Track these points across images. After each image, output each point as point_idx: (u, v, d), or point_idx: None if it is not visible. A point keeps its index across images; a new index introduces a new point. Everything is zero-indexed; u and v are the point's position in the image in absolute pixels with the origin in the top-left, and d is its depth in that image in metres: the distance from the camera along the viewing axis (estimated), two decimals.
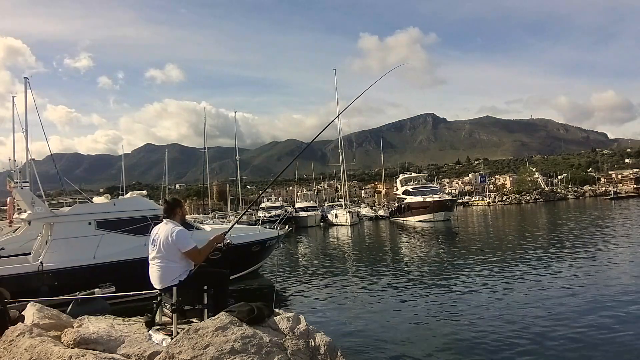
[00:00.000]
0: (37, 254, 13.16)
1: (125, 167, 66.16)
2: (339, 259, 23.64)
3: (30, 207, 13.04)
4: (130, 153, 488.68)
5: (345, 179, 63.05)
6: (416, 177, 65.50)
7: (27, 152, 25.74)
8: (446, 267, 17.87)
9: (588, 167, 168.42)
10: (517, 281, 13.92)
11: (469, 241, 29.01)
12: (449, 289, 13.55)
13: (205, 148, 56.54)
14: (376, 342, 8.76)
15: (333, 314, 11.49)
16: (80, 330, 4.07)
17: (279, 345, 3.79)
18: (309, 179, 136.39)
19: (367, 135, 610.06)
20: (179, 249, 4.40)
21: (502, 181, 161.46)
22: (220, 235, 4.79)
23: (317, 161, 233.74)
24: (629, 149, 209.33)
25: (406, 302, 12.17)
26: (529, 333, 8.75)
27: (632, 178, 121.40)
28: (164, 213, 4.77)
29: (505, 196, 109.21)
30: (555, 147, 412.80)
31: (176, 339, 3.68)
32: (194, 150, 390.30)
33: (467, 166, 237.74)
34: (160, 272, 4.44)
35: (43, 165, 40.69)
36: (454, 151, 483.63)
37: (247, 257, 16.25)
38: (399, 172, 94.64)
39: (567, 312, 10.02)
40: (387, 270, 18.22)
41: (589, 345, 7.97)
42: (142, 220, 13.49)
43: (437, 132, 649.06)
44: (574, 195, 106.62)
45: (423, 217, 48.93)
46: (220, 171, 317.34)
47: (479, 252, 22.30)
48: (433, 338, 8.93)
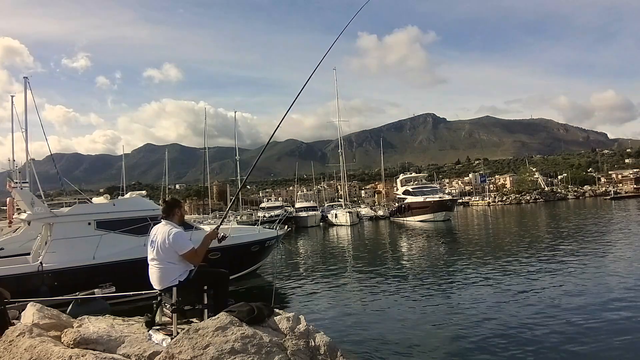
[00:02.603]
0: (36, 254, 13.15)
1: (125, 167, 66.14)
2: (339, 259, 23.64)
3: (30, 208, 13.03)
4: (130, 153, 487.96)
5: (345, 179, 63.01)
6: (416, 177, 65.48)
7: (26, 152, 25.71)
8: (446, 267, 17.88)
9: (588, 167, 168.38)
10: (517, 281, 13.92)
11: (469, 241, 29.01)
12: (449, 289, 13.55)
13: (206, 148, 56.54)
14: (376, 342, 8.76)
15: (333, 314, 11.48)
16: (80, 330, 4.07)
17: (279, 345, 3.79)
18: (309, 179, 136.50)
19: (367, 135, 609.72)
20: (176, 251, 4.38)
21: (502, 181, 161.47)
22: (213, 232, 4.76)
23: (317, 161, 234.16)
24: (629, 149, 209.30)
25: (406, 302, 12.17)
26: (529, 333, 8.74)
27: (632, 178, 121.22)
28: (163, 213, 4.77)
29: (505, 196, 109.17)
30: (555, 147, 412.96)
31: (176, 339, 3.68)
32: (194, 150, 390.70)
33: (467, 166, 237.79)
34: (160, 273, 4.44)
35: (43, 165, 40.71)
36: (454, 151, 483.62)
37: (247, 257, 16.26)
38: (399, 172, 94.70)
39: (567, 312, 10.01)
40: (387, 270, 18.22)
41: (588, 345, 7.97)
42: (142, 221, 13.49)
43: (437, 132, 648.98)
44: (574, 196, 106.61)
45: (423, 217, 48.93)
46: (220, 171, 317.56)
47: (479, 252, 22.31)
48: (433, 338, 8.93)
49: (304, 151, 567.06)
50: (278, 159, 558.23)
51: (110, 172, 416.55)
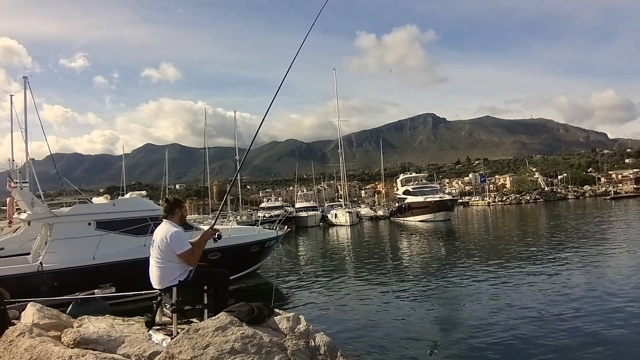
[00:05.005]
0: (36, 254, 13.15)
1: (125, 167, 66.08)
2: (339, 259, 23.64)
3: (30, 208, 13.03)
4: (130, 153, 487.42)
5: (345, 179, 63.03)
6: (416, 177, 65.51)
7: (26, 152, 25.70)
8: (447, 267, 17.87)
9: (588, 167, 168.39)
10: (517, 281, 13.91)
11: (469, 241, 28.99)
12: (449, 289, 13.56)
13: (206, 148, 56.49)
14: (376, 342, 8.75)
15: (333, 314, 11.48)
16: (80, 330, 4.07)
17: (279, 345, 3.79)
18: (309, 179, 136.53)
19: (367, 135, 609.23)
20: (174, 251, 4.40)
21: (502, 181, 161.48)
22: (207, 232, 4.76)
23: (317, 161, 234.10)
24: (629, 149, 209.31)
25: (406, 302, 12.17)
26: (530, 333, 8.74)
27: (632, 178, 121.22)
28: (164, 213, 4.78)
29: (505, 196, 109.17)
30: (555, 147, 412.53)
31: (176, 339, 3.68)
32: (193, 150, 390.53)
33: (467, 166, 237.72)
34: (160, 272, 4.45)
35: (42, 165, 40.76)
36: (454, 151, 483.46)
37: (247, 258, 16.26)
38: (399, 172, 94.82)
39: (568, 312, 10.00)
40: (387, 271, 18.22)
41: (588, 345, 7.96)
42: (142, 221, 13.52)
43: (437, 132, 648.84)
44: (574, 196, 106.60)
45: (423, 217, 48.95)
46: (220, 171, 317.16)
47: (479, 252, 22.31)
48: (433, 338, 8.91)
49: (304, 151, 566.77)
50: (278, 159, 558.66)
51: (110, 172, 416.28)
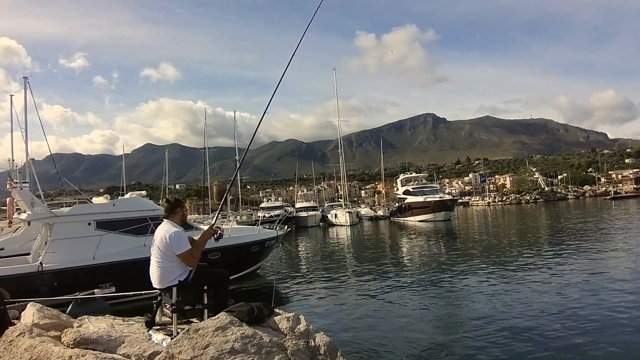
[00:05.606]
0: (36, 254, 13.15)
1: (125, 167, 66.07)
2: (339, 259, 23.63)
3: (30, 208, 13.03)
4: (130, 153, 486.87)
5: (345, 179, 63.03)
6: (416, 177, 65.49)
7: (26, 152, 25.71)
8: (446, 267, 17.85)
9: (588, 167, 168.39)
10: (518, 281, 13.91)
11: (469, 241, 29.00)
12: (449, 289, 13.55)
13: (206, 148, 56.49)
14: (376, 342, 8.75)
15: (333, 314, 11.48)
16: (80, 330, 4.07)
17: (279, 345, 3.79)
18: (309, 179, 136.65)
19: (367, 135, 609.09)
20: (173, 251, 4.40)
21: (502, 181, 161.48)
22: (207, 231, 4.76)
23: (317, 161, 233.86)
24: (629, 149, 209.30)
25: (406, 302, 12.16)
26: (530, 333, 8.73)
27: (632, 178, 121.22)
28: (165, 213, 4.78)
29: (505, 196, 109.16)
30: (555, 147, 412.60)
31: (176, 339, 3.68)
32: (193, 150, 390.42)
33: (467, 166, 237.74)
34: (160, 272, 4.45)
35: (42, 165, 40.76)
36: (454, 151, 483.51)
37: (247, 258, 16.27)
38: (399, 172, 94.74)
39: (568, 312, 10.00)
40: (387, 270, 18.20)
41: (588, 345, 7.96)
42: (142, 221, 13.51)
43: (437, 132, 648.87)
44: (574, 196, 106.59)
45: (423, 217, 48.94)
46: (220, 171, 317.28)
47: (479, 252, 22.31)
48: (434, 338, 8.91)
49: (304, 151, 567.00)
50: (278, 159, 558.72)
51: (110, 172, 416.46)
